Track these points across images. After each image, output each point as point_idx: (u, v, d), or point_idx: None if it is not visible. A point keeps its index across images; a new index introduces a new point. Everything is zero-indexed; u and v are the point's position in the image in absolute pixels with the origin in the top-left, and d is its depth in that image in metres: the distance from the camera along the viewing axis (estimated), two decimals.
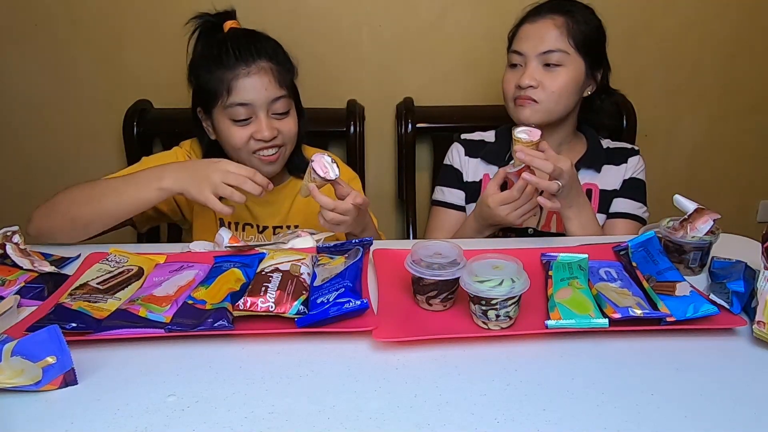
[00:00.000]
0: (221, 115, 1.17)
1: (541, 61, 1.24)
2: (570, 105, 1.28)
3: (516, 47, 1.28)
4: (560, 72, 1.24)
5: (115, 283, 0.90)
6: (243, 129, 1.16)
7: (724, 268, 0.95)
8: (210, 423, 0.66)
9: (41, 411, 0.68)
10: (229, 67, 1.13)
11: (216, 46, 1.16)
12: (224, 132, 1.17)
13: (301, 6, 1.69)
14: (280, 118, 1.19)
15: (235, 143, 1.17)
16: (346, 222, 1.06)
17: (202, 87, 1.17)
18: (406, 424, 0.66)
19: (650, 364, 0.76)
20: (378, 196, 1.87)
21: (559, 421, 0.67)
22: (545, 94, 1.24)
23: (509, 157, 1.34)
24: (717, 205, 1.03)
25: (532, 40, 1.25)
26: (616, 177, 1.34)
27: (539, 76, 1.24)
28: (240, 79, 1.13)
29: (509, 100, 1.30)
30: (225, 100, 1.14)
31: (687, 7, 1.75)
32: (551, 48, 1.23)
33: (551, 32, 1.24)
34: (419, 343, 0.80)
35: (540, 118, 1.25)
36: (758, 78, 1.87)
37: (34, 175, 1.85)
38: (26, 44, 1.71)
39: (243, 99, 1.14)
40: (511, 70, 1.30)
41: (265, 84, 1.15)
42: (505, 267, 0.83)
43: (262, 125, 1.16)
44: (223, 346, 0.79)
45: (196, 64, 1.19)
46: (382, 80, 1.77)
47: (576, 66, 1.25)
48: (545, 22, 1.25)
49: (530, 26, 1.27)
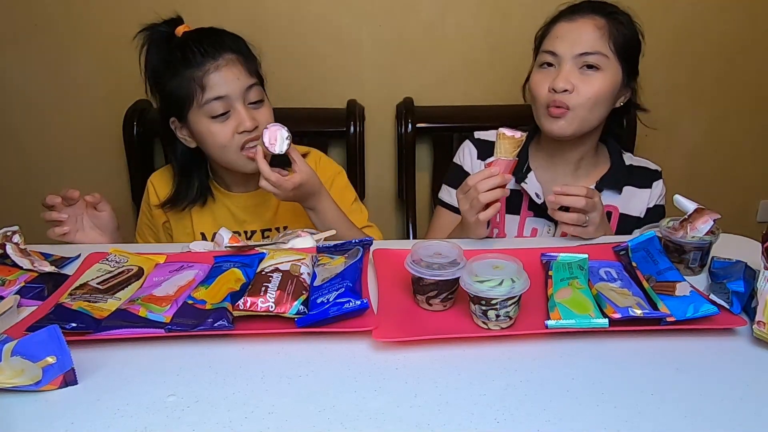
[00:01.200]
0: (198, 116, 1.15)
1: (577, 63, 1.14)
2: (603, 114, 1.19)
3: (549, 47, 1.18)
4: (597, 77, 1.14)
5: (115, 283, 0.90)
6: (224, 125, 1.15)
7: (724, 268, 0.95)
8: (210, 423, 0.66)
9: (41, 411, 0.68)
10: (198, 65, 1.12)
11: (178, 49, 1.15)
12: (205, 133, 1.16)
13: (301, 6, 1.69)
14: (256, 107, 1.18)
15: (220, 141, 1.15)
16: (276, 195, 1.12)
17: (171, 93, 1.15)
18: (406, 424, 0.66)
19: (650, 364, 0.76)
20: (378, 196, 1.87)
21: (559, 421, 0.67)
22: (580, 99, 1.14)
23: (527, 168, 1.26)
24: (717, 205, 1.03)
25: (568, 39, 1.15)
26: (640, 202, 1.26)
27: (575, 80, 1.14)
28: (211, 74, 1.12)
29: (541, 106, 1.18)
30: (200, 99, 1.13)
31: (687, 7, 1.75)
32: (589, 50, 1.13)
33: (591, 33, 1.14)
34: (419, 343, 0.80)
35: (574, 130, 1.16)
36: (758, 78, 1.87)
37: (34, 175, 1.85)
38: (26, 44, 1.71)
39: (218, 93, 1.13)
40: (541, 72, 1.19)
41: (236, 74, 1.14)
42: (505, 267, 0.83)
43: (243, 116, 1.15)
44: (223, 346, 0.79)
45: (159, 73, 1.17)
46: (382, 80, 1.77)
47: (614, 72, 1.16)
48: (585, 21, 1.15)
49: (567, 25, 1.17)
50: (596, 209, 1.09)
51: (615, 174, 1.26)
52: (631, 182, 1.27)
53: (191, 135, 1.20)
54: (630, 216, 1.26)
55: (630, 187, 1.26)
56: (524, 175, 1.25)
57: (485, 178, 1.04)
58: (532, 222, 1.26)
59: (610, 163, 1.28)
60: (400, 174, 1.76)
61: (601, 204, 1.10)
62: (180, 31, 1.18)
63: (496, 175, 1.04)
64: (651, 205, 1.27)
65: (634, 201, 1.26)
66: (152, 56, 1.19)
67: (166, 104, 1.19)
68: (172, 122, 1.21)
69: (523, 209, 1.27)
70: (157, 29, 1.19)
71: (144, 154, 1.73)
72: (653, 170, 1.30)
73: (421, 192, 1.82)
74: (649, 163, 1.31)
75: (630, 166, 1.29)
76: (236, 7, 1.67)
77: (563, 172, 1.27)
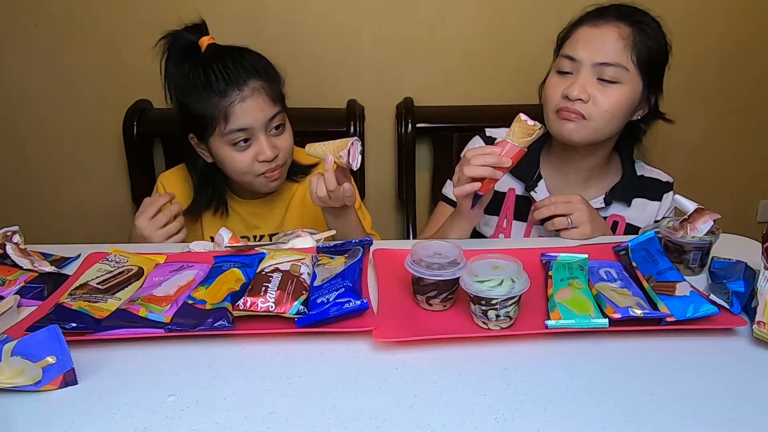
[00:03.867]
0: (219, 142, 1.15)
1: (596, 72, 1.09)
2: (618, 127, 1.15)
3: (569, 51, 1.12)
4: (615, 89, 1.09)
5: (115, 283, 0.90)
6: (244, 153, 1.15)
7: (724, 268, 0.95)
8: (210, 423, 0.66)
9: (41, 411, 0.68)
10: (222, 94, 1.11)
11: (201, 71, 1.12)
12: (225, 158, 1.17)
13: (301, 6, 1.69)
14: (278, 133, 1.18)
15: (240, 168, 1.16)
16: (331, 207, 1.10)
17: (194, 115, 1.14)
18: (406, 424, 0.66)
19: (650, 364, 0.76)
20: (378, 196, 1.87)
21: (559, 421, 0.67)
22: (596, 110, 1.09)
23: (538, 176, 1.24)
24: (717, 205, 1.03)
25: (590, 46, 1.10)
26: (649, 215, 1.24)
27: (591, 89, 1.09)
28: (236, 105, 1.11)
29: (551, 110, 1.14)
30: (223, 128, 1.12)
31: (687, 7, 1.75)
32: (610, 60, 1.08)
33: (614, 42, 1.08)
34: (419, 343, 0.80)
35: (583, 137, 1.12)
36: (758, 78, 1.87)
37: (34, 175, 1.85)
38: (26, 44, 1.71)
39: (242, 125, 1.12)
40: (558, 77, 1.14)
41: (260, 105, 1.14)
42: (505, 267, 0.83)
43: (264, 146, 1.15)
44: (223, 346, 0.79)
45: (183, 91, 1.15)
46: (382, 80, 1.77)
47: (634, 85, 1.10)
48: (609, 28, 1.10)
49: (590, 30, 1.11)
50: (575, 210, 1.09)
51: (625, 185, 1.23)
52: (642, 194, 1.24)
53: (209, 153, 1.20)
54: (637, 227, 1.24)
55: (640, 199, 1.24)
56: (535, 182, 1.24)
57: (482, 154, 1.01)
58: (538, 229, 1.25)
59: (621, 173, 1.25)
60: (400, 174, 1.77)
61: (582, 203, 1.10)
62: (204, 43, 1.15)
63: (495, 154, 1.00)
64: (659, 218, 1.24)
65: (643, 213, 1.24)
66: (173, 67, 1.16)
67: (187, 121, 1.18)
68: (191, 138, 1.21)
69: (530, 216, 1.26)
70: (179, 36, 1.16)
71: (144, 154, 1.73)
72: (665, 182, 1.28)
73: (421, 192, 1.82)
74: (661, 174, 1.29)
75: (641, 177, 1.26)
76: (236, 6, 1.67)
77: (574, 180, 1.25)
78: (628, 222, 1.24)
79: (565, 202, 1.10)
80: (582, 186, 1.25)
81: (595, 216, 1.13)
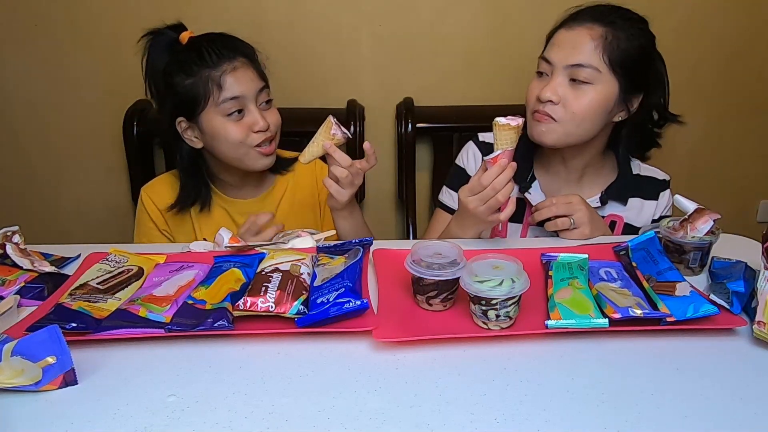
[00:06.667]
0: (212, 114, 1.18)
1: (568, 74, 1.10)
2: (593, 130, 1.13)
3: (546, 53, 1.14)
4: (587, 91, 1.09)
5: (115, 283, 0.90)
6: (238, 124, 1.18)
7: (724, 268, 0.95)
8: (210, 423, 0.66)
9: (41, 411, 0.68)
10: (214, 66, 1.16)
11: (193, 50, 1.18)
12: (220, 130, 1.18)
13: (301, 6, 1.69)
14: (266, 108, 1.23)
15: (235, 138, 1.18)
16: (354, 185, 1.11)
17: (185, 93, 1.17)
18: (406, 424, 0.66)
19: (650, 364, 0.76)
20: (378, 196, 1.87)
21: (559, 421, 0.67)
22: (566, 113, 1.10)
23: (531, 177, 1.23)
24: (717, 205, 1.03)
25: (563, 49, 1.10)
26: (646, 214, 1.24)
27: (563, 92, 1.10)
28: (228, 74, 1.16)
29: (528, 112, 1.15)
30: (217, 98, 1.16)
31: (687, 7, 1.75)
32: (581, 62, 1.08)
33: (585, 44, 1.08)
34: (419, 343, 0.80)
35: (554, 140, 1.12)
36: (758, 78, 1.87)
37: (34, 175, 1.85)
38: (26, 44, 1.71)
39: (234, 93, 1.17)
40: (537, 79, 1.16)
41: (250, 76, 1.19)
42: (505, 267, 0.83)
43: (257, 116, 1.19)
44: (223, 346, 0.79)
45: (171, 73, 1.18)
46: (382, 80, 1.77)
47: (607, 87, 1.09)
48: (581, 30, 1.10)
49: (565, 33, 1.12)
50: (576, 211, 1.10)
51: (620, 185, 1.23)
52: (638, 193, 1.24)
53: (200, 135, 1.22)
54: (635, 227, 1.24)
55: (636, 199, 1.24)
56: (528, 184, 1.23)
57: (499, 176, 1.00)
58: (534, 230, 1.25)
59: (617, 173, 1.25)
60: (400, 174, 1.76)
61: (582, 204, 1.11)
62: (184, 38, 1.20)
63: (512, 167, 1.01)
64: (657, 217, 1.24)
65: (640, 212, 1.24)
66: (156, 59, 1.21)
67: (176, 104, 1.20)
68: (179, 123, 1.22)
69: (525, 218, 1.26)
70: (161, 33, 1.21)
71: (144, 154, 1.73)
72: (661, 180, 1.27)
73: (421, 192, 1.82)
74: (657, 173, 1.28)
75: (637, 176, 1.26)
76: (236, 7, 1.67)
77: (567, 180, 1.25)
78: (627, 222, 1.24)
79: (565, 203, 1.11)
80: (577, 186, 1.25)
81: (594, 216, 1.13)
